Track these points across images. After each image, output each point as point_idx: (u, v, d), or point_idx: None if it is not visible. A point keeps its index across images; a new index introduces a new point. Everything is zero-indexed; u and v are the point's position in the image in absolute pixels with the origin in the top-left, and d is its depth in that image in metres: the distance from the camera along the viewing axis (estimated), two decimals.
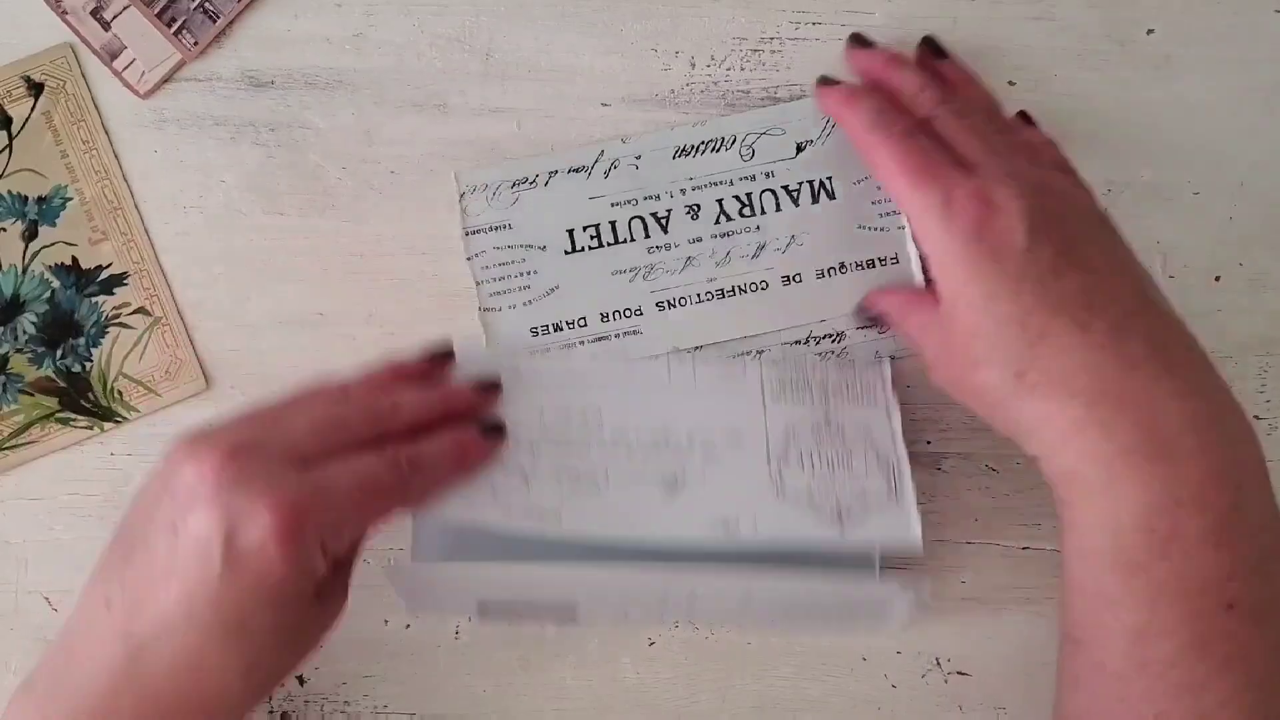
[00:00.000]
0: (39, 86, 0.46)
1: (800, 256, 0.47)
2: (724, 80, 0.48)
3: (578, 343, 0.47)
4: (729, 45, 0.48)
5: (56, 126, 0.46)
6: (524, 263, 0.47)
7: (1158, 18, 0.49)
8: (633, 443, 0.44)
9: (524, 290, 0.47)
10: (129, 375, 0.47)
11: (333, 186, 0.48)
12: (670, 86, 0.48)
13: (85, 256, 0.47)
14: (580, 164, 0.47)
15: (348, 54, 0.48)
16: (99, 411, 0.47)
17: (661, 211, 0.47)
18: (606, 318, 0.47)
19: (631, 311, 0.47)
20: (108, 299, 0.47)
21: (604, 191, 0.47)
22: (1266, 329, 0.49)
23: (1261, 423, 0.48)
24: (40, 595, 0.47)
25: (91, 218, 0.47)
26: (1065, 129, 0.48)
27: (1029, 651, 0.48)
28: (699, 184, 0.47)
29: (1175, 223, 0.49)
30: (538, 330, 0.47)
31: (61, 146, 0.46)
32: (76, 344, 0.47)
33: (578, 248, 0.47)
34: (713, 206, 0.47)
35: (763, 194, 0.47)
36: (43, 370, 0.47)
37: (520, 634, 0.47)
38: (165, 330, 0.47)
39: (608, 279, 0.47)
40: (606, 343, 0.47)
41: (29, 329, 0.46)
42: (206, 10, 0.47)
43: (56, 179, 0.46)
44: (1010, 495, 0.48)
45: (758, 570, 0.42)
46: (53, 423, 0.47)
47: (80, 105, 0.46)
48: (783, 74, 0.48)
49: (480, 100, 0.48)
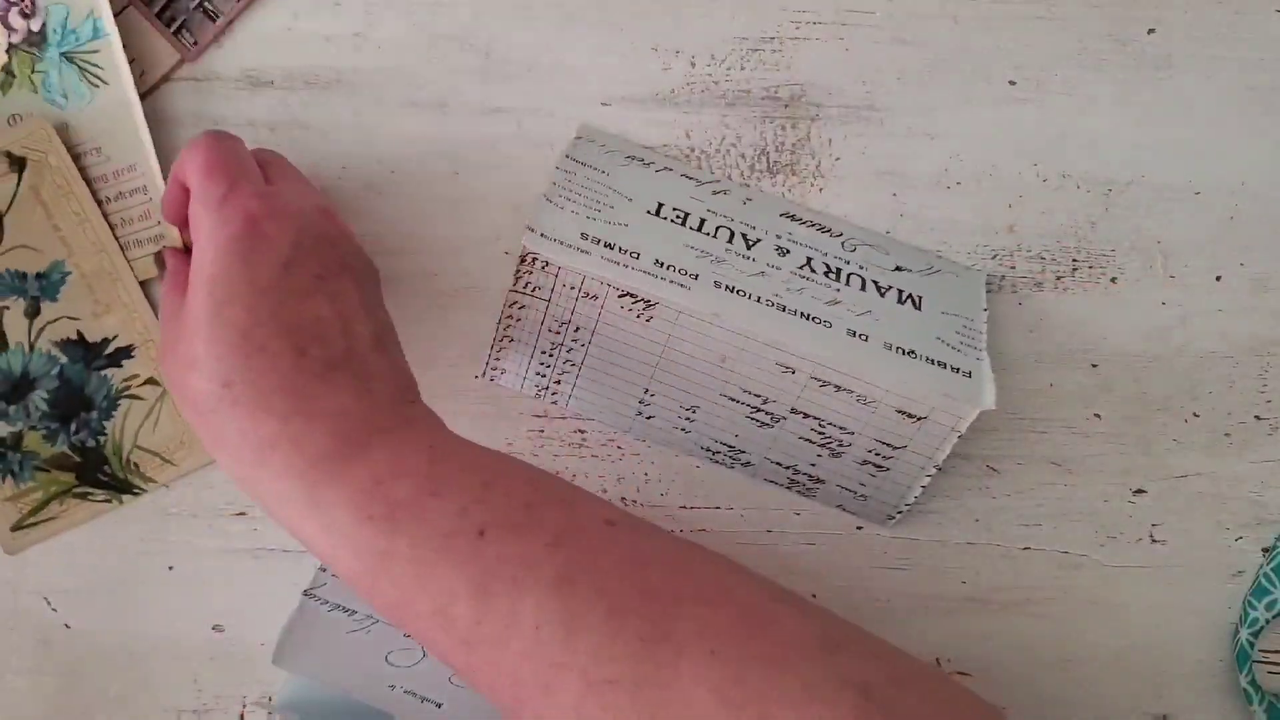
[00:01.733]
0: (21, 161, 0.45)
1: (872, 326, 0.44)
2: (724, 80, 0.48)
3: (623, 265, 0.43)
4: (729, 45, 0.48)
5: (45, 200, 0.46)
6: (607, 196, 0.45)
7: (1158, 18, 0.49)
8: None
9: (594, 209, 0.45)
10: (144, 447, 0.47)
11: (333, 186, 0.48)
12: (670, 86, 0.48)
13: (90, 330, 0.47)
14: (695, 176, 0.47)
15: (348, 54, 0.48)
16: (117, 484, 0.47)
17: (752, 237, 0.46)
18: (661, 264, 0.44)
19: (689, 273, 0.44)
20: (117, 371, 0.47)
21: (705, 201, 0.47)
22: (1266, 329, 0.49)
23: (1262, 423, 0.49)
24: (40, 595, 0.47)
25: (92, 290, 0.46)
26: (1065, 129, 0.48)
27: (1029, 651, 0.48)
28: (797, 239, 0.47)
29: (1175, 223, 0.49)
30: (587, 236, 0.44)
31: (53, 220, 0.46)
32: (89, 418, 0.47)
33: (661, 215, 0.46)
34: (801, 256, 0.46)
35: (851, 276, 0.46)
36: (57, 447, 0.46)
37: None
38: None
39: (679, 246, 0.45)
40: (649, 278, 0.43)
41: (41, 406, 0.46)
42: (206, 10, 0.47)
43: (53, 254, 0.46)
44: (1010, 495, 0.48)
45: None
46: (71, 498, 0.47)
47: (66, 177, 0.45)
48: (783, 74, 0.48)
49: (480, 100, 0.48)
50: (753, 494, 0.48)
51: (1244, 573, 0.48)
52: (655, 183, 0.47)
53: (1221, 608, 0.48)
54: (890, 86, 0.48)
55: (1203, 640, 0.48)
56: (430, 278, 0.48)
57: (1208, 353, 0.49)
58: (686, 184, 0.47)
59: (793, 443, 0.46)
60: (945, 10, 0.48)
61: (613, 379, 0.46)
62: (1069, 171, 0.48)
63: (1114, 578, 0.48)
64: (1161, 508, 0.48)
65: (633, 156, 0.47)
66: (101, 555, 0.47)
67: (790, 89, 0.48)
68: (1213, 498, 0.48)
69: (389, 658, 0.43)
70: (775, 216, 0.47)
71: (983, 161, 0.48)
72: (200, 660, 0.47)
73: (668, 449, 0.48)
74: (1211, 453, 0.48)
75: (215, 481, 0.47)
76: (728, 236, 0.46)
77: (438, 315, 0.48)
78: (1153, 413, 0.48)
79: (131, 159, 0.46)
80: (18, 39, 0.45)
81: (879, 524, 0.48)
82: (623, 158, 0.47)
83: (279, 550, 0.47)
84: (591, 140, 0.47)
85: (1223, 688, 0.48)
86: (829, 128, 0.48)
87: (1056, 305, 0.48)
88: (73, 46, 0.45)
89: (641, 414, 0.47)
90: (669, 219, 0.46)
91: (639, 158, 0.47)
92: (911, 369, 0.43)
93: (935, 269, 0.47)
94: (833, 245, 0.47)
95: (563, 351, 0.46)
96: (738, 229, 0.46)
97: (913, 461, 0.45)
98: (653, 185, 0.47)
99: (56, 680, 0.47)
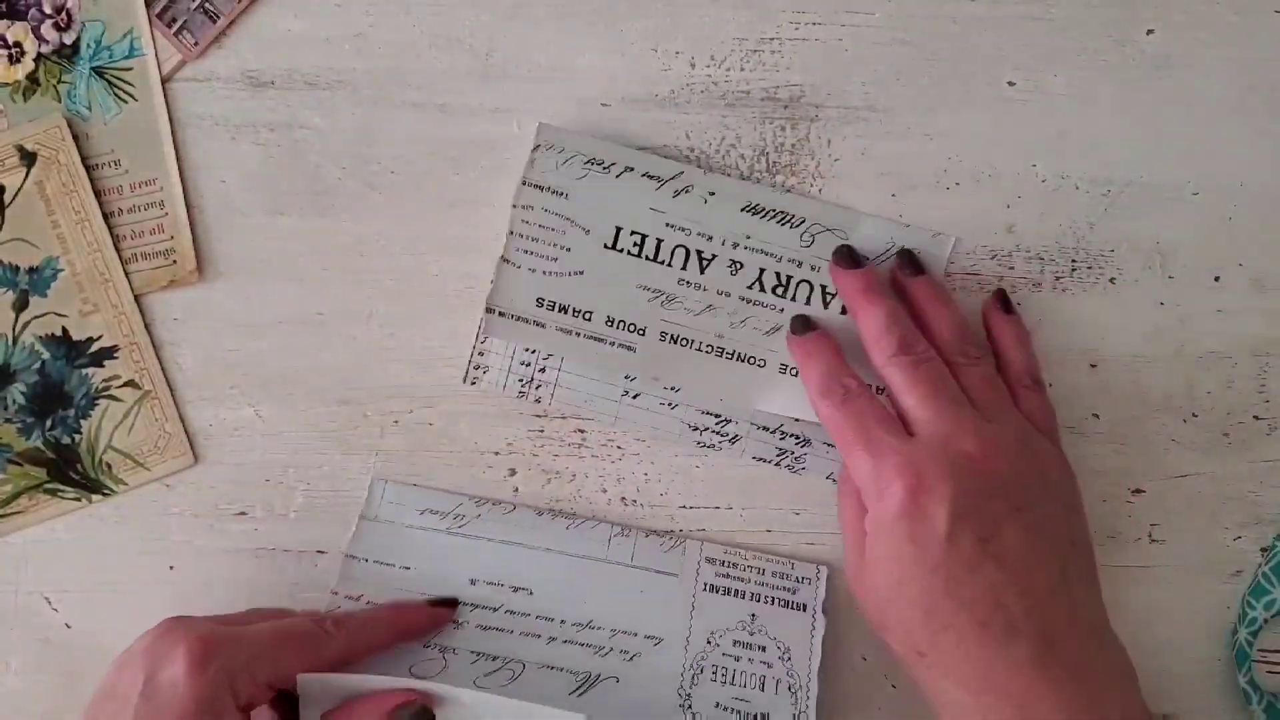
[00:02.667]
0: (32, 156, 0.46)
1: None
2: (724, 80, 0.48)
3: (575, 333, 0.46)
4: (729, 45, 0.48)
5: (49, 196, 0.46)
6: (564, 236, 0.47)
7: (1158, 18, 0.49)
8: (556, 633, 0.45)
9: (551, 261, 0.46)
10: (117, 448, 0.47)
11: (333, 186, 0.48)
12: (670, 87, 0.48)
13: (76, 328, 0.47)
14: (657, 173, 0.47)
15: (348, 54, 0.48)
16: (87, 484, 0.47)
17: (708, 253, 0.47)
18: (612, 323, 0.47)
19: (636, 329, 0.47)
20: (98, 371, 0.47)
21: (665, 209, 0.47)
22: (1266, 329, 0.49)
23: (1261, 423, 0.49)
24: (40, 595, 0.47)
25: (82, 289, 0.46)
26: (1065, 129, 0.48)
27: None
28: (753, 246, 0.47)
29: (1175, 223, 0.49)
30: (543, 302, 0.46)
31: (54, 217, 0.46)
32: (66, 416, 0.47)
33: (618, 247, 0.47)
34: (753, 271, 0.47)
35: (800, 283, 0.47)
36: (31, 441, 0.47)
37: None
38: (154, 404, 0.47)
39: (630, 289, 0.47)
40: (600, 344, 0.46)
41: (18, 399, 0.46)
42: (206, 10, 0.47)
43: (48, 250, 0.46)
44: None
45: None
46: (41, 493, 0.47)
47: (73, 176, 0.46)
48: (783, 74, 0.48)
49: (480, 100, 0.48)
50: (753, 494, 0.48)
51: (1242, 572, 0.48)
52: (615, 195, 0.47)
53: (1220, 607, 0.48)
54: (890, 87, 0.48)
55: (1201, 639, 0.48)
56: (430, 278, 0.48)
57: (1206, 353, 0.49)
58: (647, 187, 0.47)
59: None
60: (945, 10, 0.48)
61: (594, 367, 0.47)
62: (1068, 172, 0.48)
63: (1113, 577, 0.48)
64: (1160, 507, 0.48)
65: (591, 160, 0.47)
66: (101, 555, 0.47)
67: (790, 89, 0.48)
68: (1211, 497, 0.48)
69: (412, 668, 0.44)
70: (736, 213, 0.47)
71: (982, 162, 0.48)
72: None
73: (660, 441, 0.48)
74: (1210, 453, 0.48)
75: (216, 481, 0.47)
76: (683, 259, 0.47)
77: (438, 315, 0.48)
78: (1151, 413, 0.48)
79: (152, 173, 0.46)
80: (48, 49, 0.45)
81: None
82: (580, 165, 0.47)
83: (279, 550, 0.47)
84: (550, 147, 0.47)
85: (1221, 687, 0.48)
86: (828, 128, 0.48)
87: (1055, 305, 0.48)
88: (106, 62, 0.46)
89: (628, 392, 0.47)
90: (625, 250, 0.47)
91: (598, 160, 0.47)
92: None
93: (896, 244, 0.47)
94: (791, 240, 0.47)
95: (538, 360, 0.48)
96: (694, 245, 0.47)
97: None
98: (612, 200, 0.47)
99: (56, 680, 0.47)
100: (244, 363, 0.48)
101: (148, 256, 0.47)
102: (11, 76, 0.46)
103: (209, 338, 0.47)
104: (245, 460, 0.47)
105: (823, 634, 0.46)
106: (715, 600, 0.46)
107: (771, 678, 0.45)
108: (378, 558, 0.46)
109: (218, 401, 0.47)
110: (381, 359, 0.48)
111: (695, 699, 0.44)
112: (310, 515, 0.47)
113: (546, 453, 0.48)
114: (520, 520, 0.47)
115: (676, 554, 0.47)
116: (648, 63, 0.48)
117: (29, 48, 0.46)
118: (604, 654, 0.45)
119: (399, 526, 0.46)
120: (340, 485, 0.47)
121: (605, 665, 0.45)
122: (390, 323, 0.48)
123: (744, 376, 0.47)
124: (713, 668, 0.45)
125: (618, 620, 0.46)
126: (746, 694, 0.45)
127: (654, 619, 0.46)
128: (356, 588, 0.45)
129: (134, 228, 0.46)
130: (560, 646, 0.45)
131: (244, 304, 0.48)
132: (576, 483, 0.48)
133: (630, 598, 0.46)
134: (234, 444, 0.47)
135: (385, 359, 0.48)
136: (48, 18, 0.45)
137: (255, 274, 0.48)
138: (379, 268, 0.48)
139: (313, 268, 0.48)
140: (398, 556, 0.46)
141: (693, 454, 0.48)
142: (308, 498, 0.47)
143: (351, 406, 0.48)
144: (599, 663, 0.45)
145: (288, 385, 0.48)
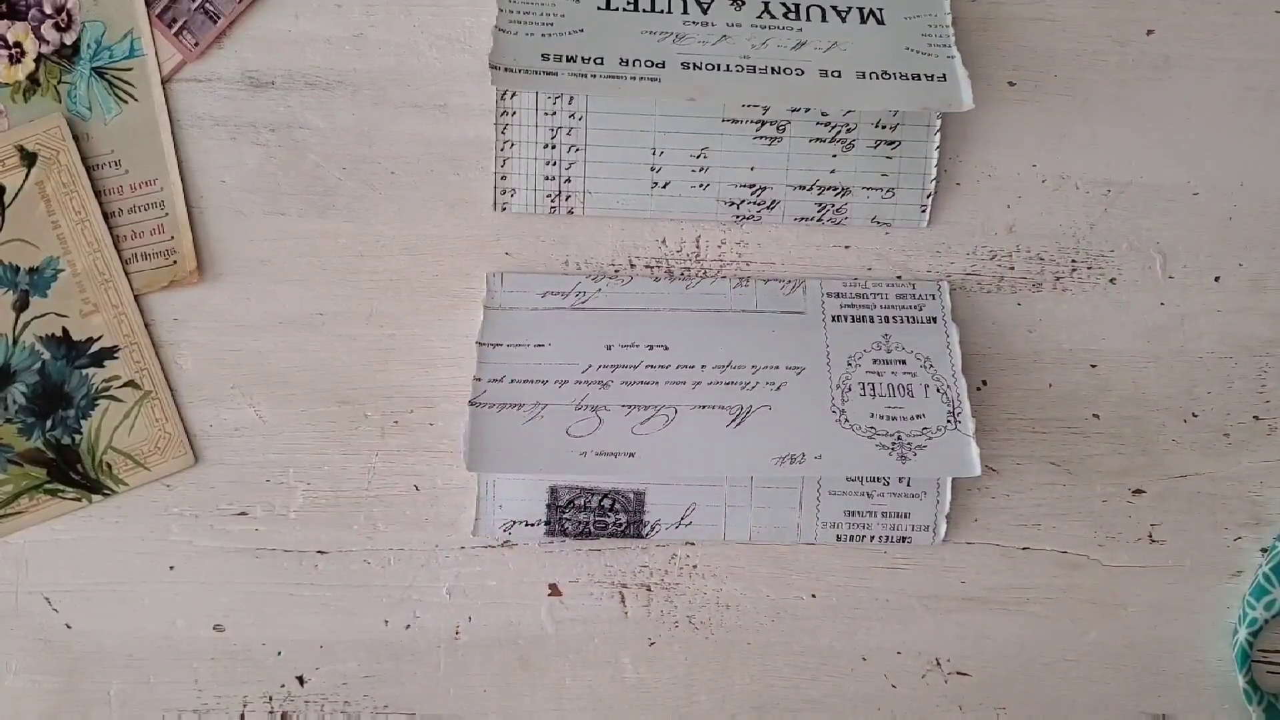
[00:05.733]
0: (32, 156, 0.46)
1: (841, 59, 0.45)
2: None
3: (590, 75, 0.44)
4: None
5: (49, 196, 0.46)
6: (554, 5, 0.46)
7: (1158, 18, 0.49)
8: (700, 377, 0.45)
9: (546, 25, 0.45)
10: (118, 449, 0.47)
11: (333, 186, 0.48)
12: None
13: (76, 328, 0.47)
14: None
15: (348, 54, 0.48)
16: (88, 484, 0.47)
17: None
18: (626, 63, 0.45)
19: (655, 63, 0.45)
20: (98, 371, 0.47)
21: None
22: (1266, 329, 0.49)
23: (1261, 423, 0.49)
24: (40, 595, 0.47)
25: (83, 289, 0.46)
26: (1065, 129, 0.48)
27: (1029, 651, 0.48)
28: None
29: (1175, 223, 0.49)
30: (549, 56, 0.44)
31: (54, 217, 0.46)
32: (66, 416, 0.47)
33: (612, 7, 0.46)
34: (758, 2, 0.46)
35: (810, 8, 0.46)
36: (32, 441, 0.46)
37: (520, 634, 0.47)
38: (155, 404, 0.47)
39: (636, 36, 0.45)
40: (620, 81, 0.44)
41: (19, 399, 0.46)
42: (207, 10, 0.47)
43: (48, 250, 0.46)
44: (1009, 495, 0.48)
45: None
46: (41, 493, 0.47)
47: (73, 176, 0.46)
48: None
49: (480, 100, 0.48)
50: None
51: (1243, 572, 0.48)
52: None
53: (1220, 607, 0.48)
54: None
55: (1202, 640, 0.48)
56: (430, 278, 0.48)
57: (1206, 353, 0.49)
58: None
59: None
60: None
61: (619, 150, 0.47)
62: (1068, 172, 0.48)
63: (1113, 577, 0.48)
64: (1160, 507, 0.48)
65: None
66: (101, 555, 0.47)
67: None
68: (1211, 497, 0.48)
69: (570, 430, 0.44)
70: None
71: (982, 162, 0.48)
72: (200, 660, 0.47)
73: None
74: (1210, 453, 0.49)
75: (215, 481, 0.47)
76: (682, 6, 0.46)
77: (438, 315, 0.48)
78: (1151, 413, 0.48)
79: (153, 174, 0.46)
80: (49, 50, 0.45)
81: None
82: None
83: (279, 550, 0.47)
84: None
85: (1222, 687, 0.48)
86: None
87: (1055, 305, 0.48)
88: (106, 62, 0.46)
89: (657, 184, 0.47)
90: (619, 8, 0.46)
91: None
92: (887, 90, 0.44)
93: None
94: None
95: (562, 145, 0.47)
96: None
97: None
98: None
99: (56, 680, 0.47)
100: (244, 363, 0.48)
101: (148, 257, 0.47)
102: (12, 77, 0.46)
103: (209, 338, 0.47)
104: (245, 460, 0.47)
105: (958, 339, 0.47)
106: (845, 328, 0.47)
107: (919, 384, 0.46)
108: (511, 340, 0.46)
109: (218, 401, 0.47)
110: (381, 359, 0.48)
111: (849, 413, 0.45)
112: (310, 515, 0.47)
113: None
114: (640, 288, 0.47)
115: (798, 295, 0.48)
116: None
117: (29, 48, 0.46)
118: (751, 388, 0.45)
119: (523, 311, 0.47)
120: (340, 485, 0.47)
121: (755, 397, 0.45)
122: (390, 323, 0.48)
123: (782, 84, 0.44)
124: (859, 384, 0.46)
125: (756, 357, 0.46)
126: (898, 401, 0.45)
127: (791, 351, 0.46)
128: (499, 371, 0.46)
129: (134, 228, 0.46)
130: (707, 389, 0.45)
131: (244, 304, 0.48)
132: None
133: (763, 336, 0.47)
134: (234, 444, 0.47)
135: (385, 359, 0.48)
136: (48, 18, 0.45)
137: (255, 274, 0.48)
138: (379, 268, 0.48)
139: (313, 268, 0.48)
140: (530, 336, 0.47)
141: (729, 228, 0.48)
142: (308, 498, 0.47)
143: (351, 406, 0.48)
144: (748, 395, 0.45)
145: (288, 385, 0.48)
